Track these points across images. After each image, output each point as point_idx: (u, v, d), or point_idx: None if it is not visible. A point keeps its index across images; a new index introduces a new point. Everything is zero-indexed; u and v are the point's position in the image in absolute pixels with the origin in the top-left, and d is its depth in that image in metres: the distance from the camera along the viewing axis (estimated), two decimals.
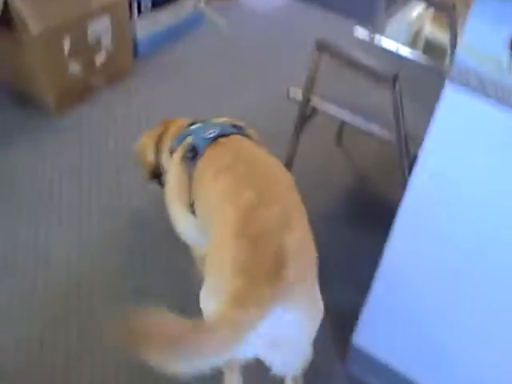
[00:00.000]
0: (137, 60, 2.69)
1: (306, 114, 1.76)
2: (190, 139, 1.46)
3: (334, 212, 2.11)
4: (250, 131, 1.51)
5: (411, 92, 1.71)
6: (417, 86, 1.84)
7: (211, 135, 1.42)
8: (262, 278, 1.06)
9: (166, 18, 2.82)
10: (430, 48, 2.36)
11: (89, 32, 2.33)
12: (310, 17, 3.22)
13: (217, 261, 1.18)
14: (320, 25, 3.08)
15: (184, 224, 1.50)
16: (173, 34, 2.88)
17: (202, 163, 1.39)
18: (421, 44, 2.40)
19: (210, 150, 1.39)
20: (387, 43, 2.11)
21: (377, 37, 2.13)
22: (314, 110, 1.83)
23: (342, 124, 2.23)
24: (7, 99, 2.38)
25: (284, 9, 3.25)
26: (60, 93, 2.34)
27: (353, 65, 1.57)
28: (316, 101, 1.72)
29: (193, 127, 1.52)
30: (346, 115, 1.72)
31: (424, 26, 2.40)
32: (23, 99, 2.36)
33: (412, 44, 2.41)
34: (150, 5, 2.69)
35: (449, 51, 2.04)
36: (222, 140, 1.41)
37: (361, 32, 2.16)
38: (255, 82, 2.70)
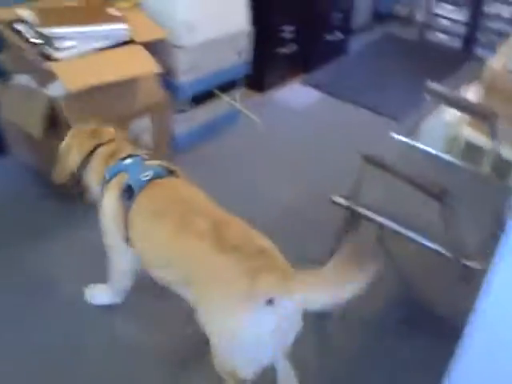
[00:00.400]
0: (174, 155, 2.73)
1: (350, 222, 1.74)
2: (125, 177, 1.57)
3: (377, 318, 2.04)
4: (181, 174, 1.65)
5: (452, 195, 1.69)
6: (457, 189, 1.82)
7: (147, 178, 1.55)
8: (266, 271, 1.28)
9: (203, 114, 2.89)
10: (468, 150, 2.35)
11: (129, 131, 2.38)
12: (343, 113, 3.29)
13: (214, 275, 1.35)
14: (354, 121, 3.14)
15: (114, 247, 1.70)
16: (209, 130, 2.94)
17: (139, 204, 1.53)
18: (458, 146, 2.40)
19: (147, 191, 1.53)
20: (424, 145, 2.12)
21: (413, 138, 2.14)
22: (358, 215, 1.81)
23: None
24: (49, 191, 2.40)
25: (317, 105, 3.32)
26: None
27: (400, 178, 1.56)
28: (362, 210, 1.70)
29: (127, 162, 1.62)
30: (393, 225, 1.70)
31: (461, 128, 2.42)
32: (64, 194, 2.38)
33: (449, 146, 2.41)
34: (188, 103, 2.76)
35: (489, 156, 2.04)
36: (157, 181, 1.56)
37: (397, 133, 2.18)
38: (291, 177, 2.71)
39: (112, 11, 2.33)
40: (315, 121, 3.21)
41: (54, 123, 2.21)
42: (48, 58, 2.10)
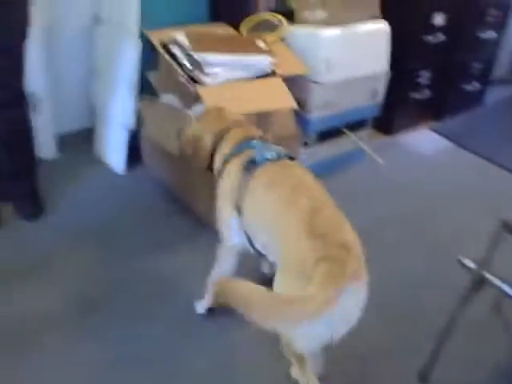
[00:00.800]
0: None
1: (477, 289, 1.67)
2: (251, 152, 1.72)
3: None
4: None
5: None
6: None
7: (271, 156, 1.70)
8: (337, 265, 1.37)
9: (327, 150, 2.91)
10: None
11: None
12: (474, 167, 3.14)
13: (295, 256, 1.46)
14: (485, 178, 3.00)
15: (226, 217, 1.79)
16: (332, 166, 2.95)
17: (259, 175, 1.67)
18: None
19: (268, 166, 1.68)
20: None
21: None
22: (483, 280, 1.73)
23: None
24: (176, 207, 2.55)
25: (446, 154, 3.21)
26: None
27: None
28: (491, 278, 1.62)
29: (255, 142, 1.78)
30: None
31: None
32: (189, 211, 2.50)
33: None
34: (315, 138, 2.80)
35: None
36: (278, 161, 1.71)
37: None
38: (409, 224, 2.65)
39: (259, 43, 2.42)
40: (442, 171, 3.12)
41: None
42: (196, 81, 2.23)
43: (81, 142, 2.90)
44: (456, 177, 3.08)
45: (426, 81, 3.42)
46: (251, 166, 1.69)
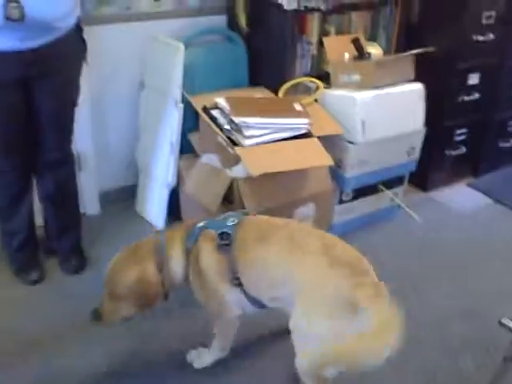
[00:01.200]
0: None
1: None
2: (208, 235, 1.70)
3: None
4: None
5: None
6: None
7: (235, 221, 1.71)
8: (376, 289, 1.52)
9: (362, 206, 2.93)
10: None
11: (294, 215, 2.48)
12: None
13: (324, 287, 1.55)
14: None
15: (224, 295, 1.75)
16: (366, 222, 2.97)
17: (241, 240, 1.67)
18: None
19: (241, 231, 1.69)
20: None
21: None
22: None
23: None
24: None
25: (484, 211, 3.18)
26: None
27: None
28: None
29: (204, 224, 1.75)
30: None
31: None
32: None
33: None
34: (351, 194, 2.84)
35: None
36: (244, 220, 1.73)
37: None
38: (444, 284, 2.60)
39: (296, 105, 2.51)
40: (481, 229, 3.08)
41: (228, 200, 2.40)
42: (235, 143, 2.31)
43: (122, 198, 3.00)
44: (494, 233, 3.04)
45: (462, 137, 3.44)
46: (224, 239, 1.67)
